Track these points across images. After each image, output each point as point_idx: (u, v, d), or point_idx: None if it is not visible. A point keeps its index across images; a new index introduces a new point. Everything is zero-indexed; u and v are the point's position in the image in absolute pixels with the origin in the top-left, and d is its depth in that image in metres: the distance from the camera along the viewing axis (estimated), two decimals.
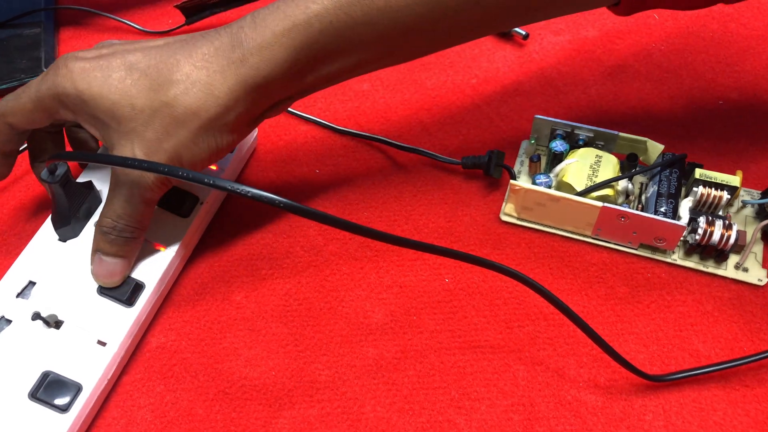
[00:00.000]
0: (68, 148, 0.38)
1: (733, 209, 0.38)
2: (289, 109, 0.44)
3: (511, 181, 0.37)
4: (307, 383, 0.33)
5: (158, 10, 0.52)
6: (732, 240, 0.34)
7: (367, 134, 0.43)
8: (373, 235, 0.28)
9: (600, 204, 0.35)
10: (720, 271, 0.36)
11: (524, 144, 0.42)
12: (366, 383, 0.33)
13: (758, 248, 0.36)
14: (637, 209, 0.38)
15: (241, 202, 0.40)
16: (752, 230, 0.36)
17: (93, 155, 0.34)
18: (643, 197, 0.38)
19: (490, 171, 0.39)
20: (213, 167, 0.39)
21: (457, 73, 0.46)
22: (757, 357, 0.32)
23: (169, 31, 0.50)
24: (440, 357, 0.34)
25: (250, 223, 0.39)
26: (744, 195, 0.38)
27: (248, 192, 0.27)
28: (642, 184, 0.39)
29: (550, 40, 0.48)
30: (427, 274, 0.37)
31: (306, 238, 0.39)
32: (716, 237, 0.35)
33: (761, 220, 0.37)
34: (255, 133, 0.42)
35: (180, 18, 0.50)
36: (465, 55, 0.47)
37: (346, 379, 0.33)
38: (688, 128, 0.42)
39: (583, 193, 0.36)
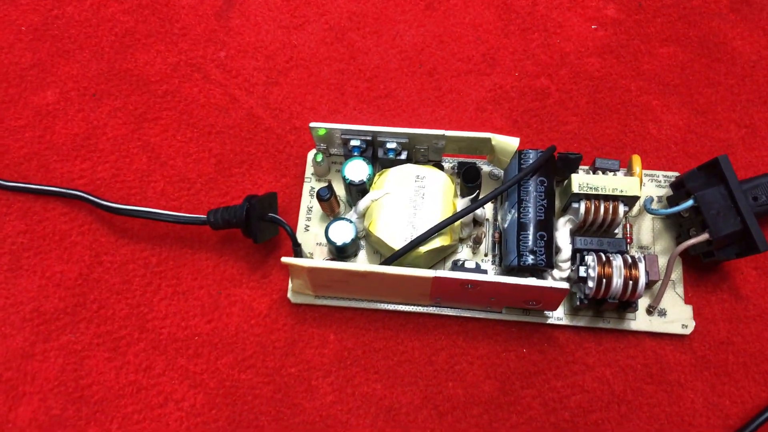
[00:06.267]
0: None
1: (633, 212, 0.25)
2: None
3: (282, 259, 0.21)
4: None
5: None
6: (641, 286, 0.22)
7: (58, 189, 0.26)
8: None
9: (431, 274, 0.21)
10: (628, 324, 0.23)
11: (310, 158, 0.26)
12: None
13: (677, 272, 0.24)
14: (494, 238, 0.24)
15: None
16: (666, 256, 0.24)
17: None
18: (499, 221, 0.24)
19: (252, 233, 0.23)
20: None
21: (190, 52, 0.29)
22: None
23: None
24: None
25: None
26: (647, 184, 0.25)
27: None
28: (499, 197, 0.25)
29: None
30: None
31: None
32: (617, 286, 0.22)
33: (675, 228, 0.24)
34: None
35: None
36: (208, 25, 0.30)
37: None
38: (552, 77, 0.28)
39: (403, 253, 0.22)
